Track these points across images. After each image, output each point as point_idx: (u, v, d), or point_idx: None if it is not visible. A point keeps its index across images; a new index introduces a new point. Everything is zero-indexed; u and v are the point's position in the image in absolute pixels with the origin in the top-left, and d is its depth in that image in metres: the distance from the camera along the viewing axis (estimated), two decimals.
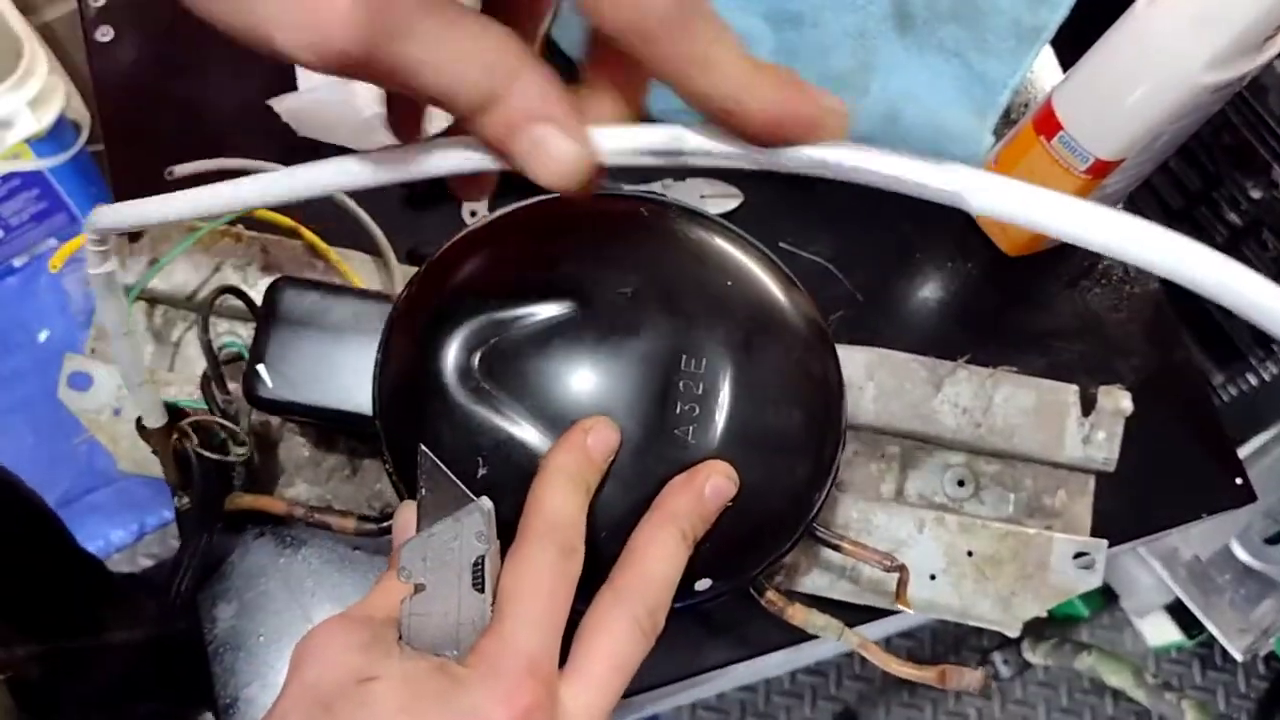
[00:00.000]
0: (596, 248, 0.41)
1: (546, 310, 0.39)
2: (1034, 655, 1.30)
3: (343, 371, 0.44)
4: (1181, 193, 0.97)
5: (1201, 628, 1.16)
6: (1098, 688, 1.33)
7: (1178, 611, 1.23)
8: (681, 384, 0.39)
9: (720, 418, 0.39)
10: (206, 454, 0.48)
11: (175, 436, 0.47)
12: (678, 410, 0.39)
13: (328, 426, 0.46)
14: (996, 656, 1.32)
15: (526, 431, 0.39)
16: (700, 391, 0.39)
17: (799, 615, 0.46)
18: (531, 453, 0.38)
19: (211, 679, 0.53)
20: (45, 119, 1.08)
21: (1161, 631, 1.28)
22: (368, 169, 0.29)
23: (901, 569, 0.45)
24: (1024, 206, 0.23)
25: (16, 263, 1.31)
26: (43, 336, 1.29)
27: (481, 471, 0.38)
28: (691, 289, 0.41)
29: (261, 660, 0.53)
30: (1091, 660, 1.25)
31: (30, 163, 1.13)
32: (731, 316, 0.40)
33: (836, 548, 0.45)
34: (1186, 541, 1.11)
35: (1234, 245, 0.95)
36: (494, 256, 0.42)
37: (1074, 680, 1.36)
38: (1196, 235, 1.01)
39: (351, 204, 0.56)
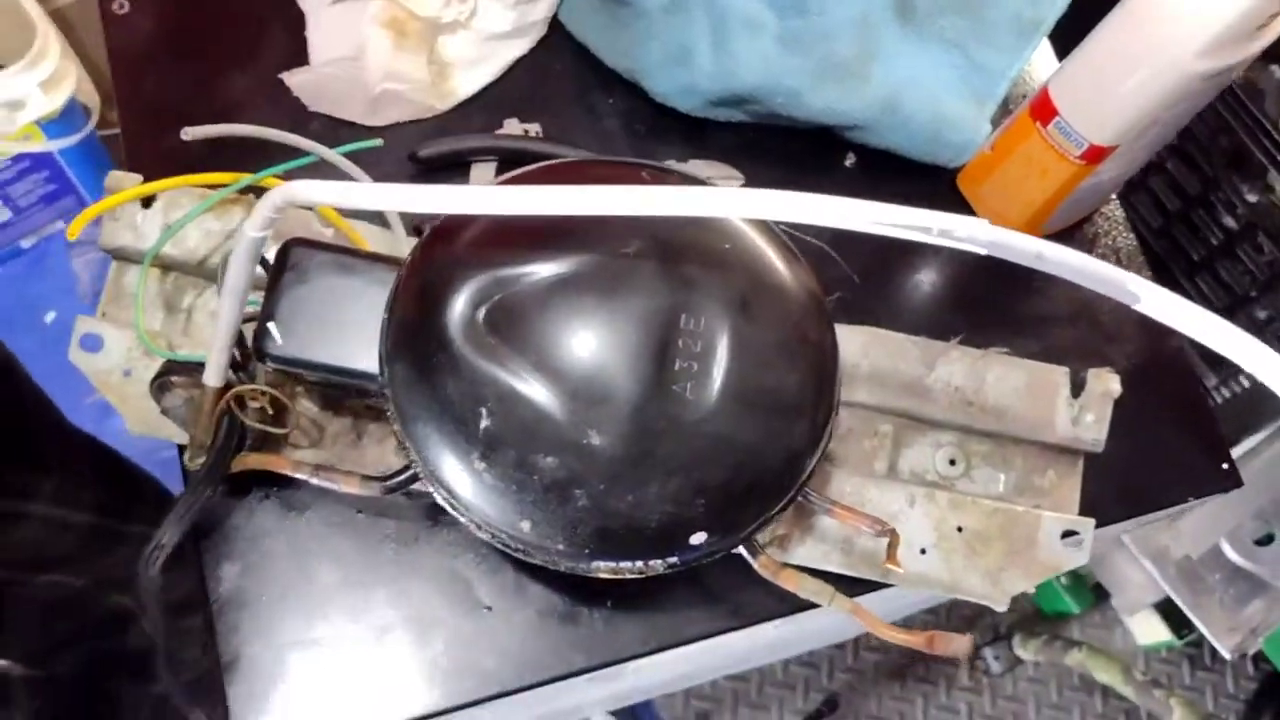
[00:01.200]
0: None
1: (550, 268, 0.41)
2: (1024, 651, 1.31)
3: (352, 330, 0.45)
4: (1178, 196, 0.98)
5: (1191, 627, 1.17)
6: (1087, 684, 1.34)
7: (1167, 610, 1.24)
8: (681, 342, 0.41)
9: (718, 375, 0.41)
10: (259, 425, 0.49)
11: (225, 402, 0.48)
12: (676, 367, 0.40)
13: (335, 385, 0.48)
14: (988, 652, 1.33)
15: (529, 384, 0.40)
16: (699, 349, 0.41)
17: (791, 580, 0.47)
18: (533, 405, 0.40)
19: (215, 637, 0.54)
20: (57, 100, 1.10)
21: (1151, 630, 1.29)
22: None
23: (891, 533, 0.46)
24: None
25: (25, 244, 1.31)
26: (50, 317, 1.30)
27: (484, 423, 0.39)
28: (692, 250, 0.42)
29: (265, 620, 0.54)
30: (1081, 657, 1.26)
31: (40, 144, 1.14)
32: (731, 278, 0.42)
33: (828, 513, 0.46)
34: (1177, 540, 1.12)
35: (1229, 249, 0.96)
36: (499, 217, 0.43)
37: (1064, 676, 1.36)
38: (1193, 239, 1.00)
39: (361, 175, 0.57)
